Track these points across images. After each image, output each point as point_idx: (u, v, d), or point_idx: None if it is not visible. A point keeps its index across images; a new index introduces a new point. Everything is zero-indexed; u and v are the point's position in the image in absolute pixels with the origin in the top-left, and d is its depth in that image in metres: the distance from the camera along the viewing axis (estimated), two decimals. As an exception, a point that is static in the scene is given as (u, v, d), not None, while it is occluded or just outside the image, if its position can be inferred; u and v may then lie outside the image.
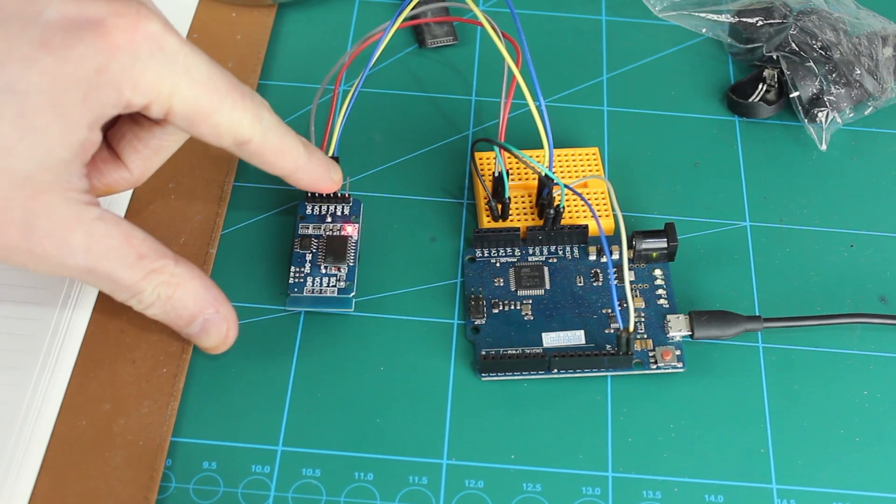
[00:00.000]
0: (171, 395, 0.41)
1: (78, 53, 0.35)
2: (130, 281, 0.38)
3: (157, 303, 0.39)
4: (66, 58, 0.35)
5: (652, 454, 0.41)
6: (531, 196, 0.47)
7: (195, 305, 0.40)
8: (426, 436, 0.41)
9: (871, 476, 0.41)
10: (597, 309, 0.44)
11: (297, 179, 0.43)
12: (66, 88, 0.35)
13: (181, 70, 0.37)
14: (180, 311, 0.40)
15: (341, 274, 0.44)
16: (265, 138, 0.40)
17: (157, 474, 0.39)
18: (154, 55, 0.36)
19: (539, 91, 0.44)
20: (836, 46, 0.51)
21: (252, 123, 0.39)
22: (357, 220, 0.46)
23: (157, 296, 0.39)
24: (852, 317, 0.44)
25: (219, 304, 0.40)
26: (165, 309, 0.39)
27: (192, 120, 0.38)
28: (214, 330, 0.41)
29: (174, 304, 0.39)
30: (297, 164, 0.42)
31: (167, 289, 0.39)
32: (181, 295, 0.39)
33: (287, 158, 0.41)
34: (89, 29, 0.35)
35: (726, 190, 0.49)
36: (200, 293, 0.40)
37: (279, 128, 0.41)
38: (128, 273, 0.38)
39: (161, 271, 0.38)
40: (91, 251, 0.37)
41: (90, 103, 0.35)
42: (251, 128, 0.39)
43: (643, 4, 0.56)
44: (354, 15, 0.56)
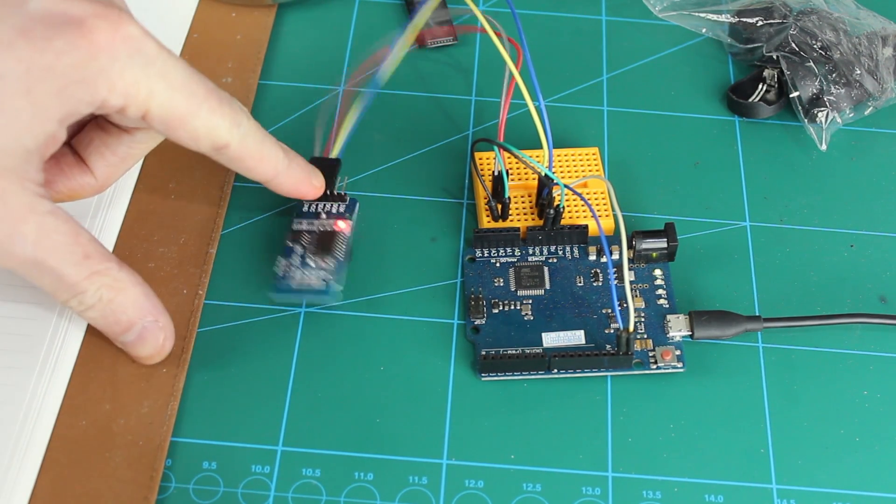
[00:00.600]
0: (171, 395, 0.41)
1: (57, 47, 0.35)
2: (74, 279, 0.38)
3: (97, 305, 0.39)
4: (44, 49, 0.35)
5: (652, 454, 0.41)
6: (531, 196, 0.47)
7: (135, 312, 0.40)
8: (426, 436, 0.41)
9: (871, 476, 0.41)
10: (597, 309, 0.44)
11: (278, 185, 0.43)
12: (41, 78, 0.35)
13: (158, 73, 0.37)
14: (119, 315, 0.39)
15: (329, 267, 0.44)
16: (244, 143, 0.40)
17: (157, 474, 0.39)
18: (132, 57, 0.36)
19: (539, 91, 0.45)
20: (836, 46, 0.51)
21: (230, 128, 0.39)
22: (350, 216, 0.46)
23: (98, 298, 0.39)
24: (852, 317, 0.44)
25: (158, 313, 0.40)
26: (105, 313, 0.39)
27: (169, 124, 0.38)
28: (151, 339, 0.41)
29: (114, 307, 0.39)
30: (277, 169, 0.42)
31: (109, 292, 0.39)
32: (122, 300, 0.39)
33: (266, 164, 0.41)
34: (71, 26, 0.35)
35: (726, 190, 0.49)
36: (141, 300, 0.40)
37: (258, 133, 0.41)
38: (73, 270, 0.38)
39: (105, 273, 0.38)
40: (40, 243, 0.37)
41: (64, 97, 0.35)
42: (229, 133, 0.39)
43: (643, 4, 0.56)
44: (354, 15, 0.56)
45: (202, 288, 0.44)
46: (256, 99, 0.51)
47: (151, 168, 0.48)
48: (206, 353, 0.43)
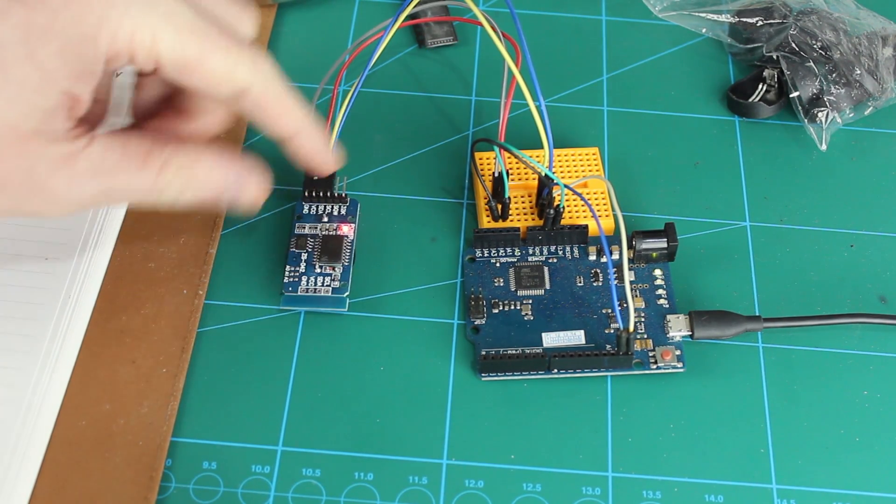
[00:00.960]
0: (171, 395, 0.41)
1: (52, 5, 0.34)
2: (148, 182, 0.38)
3: (184, 189, 0.38)
4: (39, 9, 0.34)
5: (652, 454, 0.41)
6: (531, 196, 0.47)
7: (218, 176, 0.39)
8: (426, 436, 0.41)
9: (871, 476, 0.41)
10: (597, 309, 0.44)
11: (299, 145, 0.41)
12: (41, 40, 0.34)
13: (162, 17, 0.36)
14: (209, 184, 0.39)
15: (336, 273, 0.44)
16: (266, 86, 0.38)
17: (156, 474, 0.39)
18: (131, 3, 0.35)
19: (539, 91, 0.44)
20: (836, 46, 0.51)
21: (250, 69, 0.38)
22: (353, 220, 0.46)
23: (179, 186, 0.38)
24: (852, 317, 0.44)
25: (235, 165, 0.40)
26: (194, 189, 0.39)
27: (183, 68, 0.37)
28: (247, 184, 0.40)
29: (200, 181, 0.39)
30: (301, 125, 0.40)
31: (186, 171, 0.38)
32: (200, 170, 0.39)
33: (290, 117, 0.40)
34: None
35: (726, 190, 0.49)
36: (217, 160, 0.39)
37: (280, 80, 0.39)
38: (141, 176, 0.37)
39: (170, 161, 0.38)
40: (98, 172, 0.37)
41: (67, 56, 0.35)
42: (249, 73, 0.38)
43: (643, 4, 0.56)
44: (354, 15, 0.56)
45: (202, 288, 0.44)
46: (256, 99, 0.51)
47: (151, 168, 0.48)
48: (206, 354, 0.43)
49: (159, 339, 0.43)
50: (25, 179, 0.36)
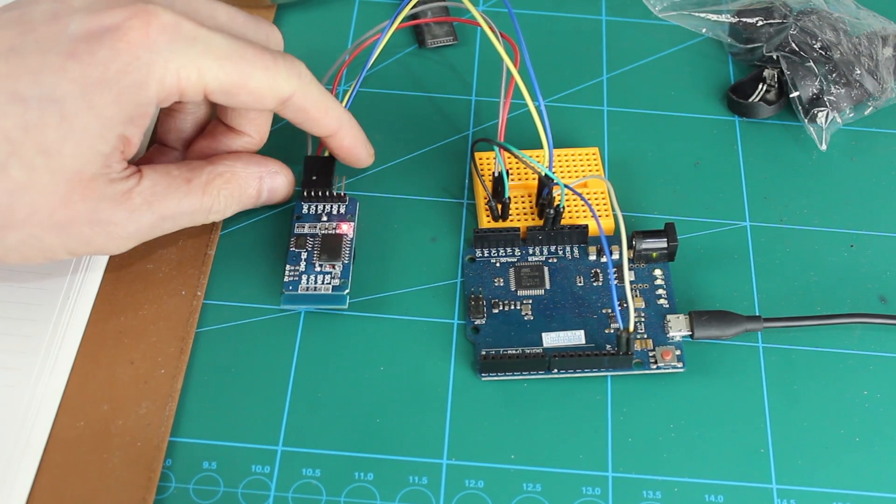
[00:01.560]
0: (170, 396, 0.41)
1: (101, 58, 0.37)
2: (197, 203, 0.41)
3: (229, 202, 0.43)
4: (91, 63, 0.37)
5: (652, 454, 0.41)
6: (531, 196, 0.47)
7: (254, 182, 0.44)
8: (426, 436, 0.41)
9: (871, 476, 0.41)
10: (597, 309, 0.44)
11: (340, 139, 0.45)
12: (97, 91, 0.37)
13: (202, 51, 0.38)
14: (248, 191, 0.44)
15: (336, 271, 0.44)
16: (307, 91, 0.42)
17: (155, 475, 0.39)
18: (172, 44, 0.38)
19: (538, 91, 0.44)
20: (836, 46, 0.51)
21: (289, 79, 0.41)
22: (352, 218, 0.46)
23: (225, 199, 0.42)
24: (852, 317, 0.44)
25: (265, 167, 0.44)
26: (237, 200, 0.43)
27: (230, 92, 0.40)
28: (278, 184, 0.45)
29: (241, 192, 0.43)
30: (342, 121, 0.44)
31: (228, 186, 0.42)
32: (239, 184, 0.43)
33: (331, 115, 0.43)
34: (108, 34, 0.37)
35: (726, 190, 0.49)
36: (249, 168, 0.43)
37: (318, 84, 0.43)
38: (191, 199, 0.41)
39: (212, 178, 0.42)
40: (152, 203, 0.40)
41: (123, 103, 0.38)
42: (289, 83, 0.41)
43: (643, 4, 0.56)
44: (354, 15, 0.56)
45: (201, 289, 0.44)
46: (256, 99, 0.51)
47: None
48: (205, 354, 0.43)
49: (158, 340, 0.43)
50: (89, 219, 0.39)
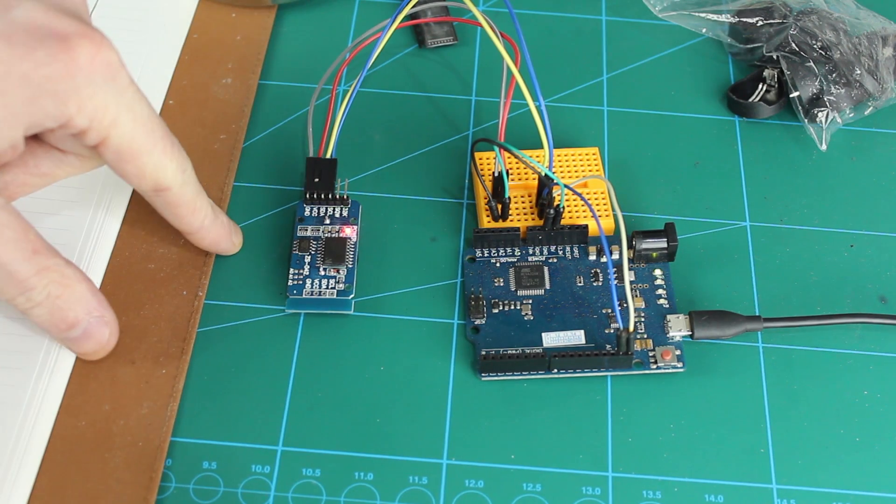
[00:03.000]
0: (171, 395, 0.41)
1: (37, 57, 0.35)
2: (24, 275, 0.38)
3: (45, 302, 0.39)
4: (24, 56, 0.35)
5: (652, 454, 0.41)
6: (531, 196, 0.47)
7: (81, 308, 0.40)
8: (426, 436, 0.41)
9: (871, 476, 0.41)
10: (597, 309, 0.44)
11: (200, 238, 0.44)
12: (16, 85, 0.35)
13: (127, 105, 0.37)
14: (66, 312, 0.39)
15: (340, 275, 0.44)
16: (183, 190, 0.41)
17: (156, 475, 0.39)
18: (107, 83, 0.36)
19: (539, 91, 0.45)
20: (836, 46, 0.51)
21: (175, 173, 0.40)
22: (356, 221, 0.46)
23: (46, 294, 0.39)
24: (852, 317, 0.44)
25: (103, 308, 0.41)
26: (52, 310, 0.39)
27: (123, 156, 0.38)
28: (97, 334, 0.41)
29: (61, 304, 0.39)
30: (204, 223, 0.43)
31: (57, 288, 0.39)
32: (69, 296, 0.39)
33: (197, 215, 0.43)
34: (54, 40, 0.35)
35: (726, 190, 0.49)
36: (87, 296, 0.40)
37: (196, 184, 0.42)
38: (23, 266, 0.38)
39: (53, 269, 0.38)
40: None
41: (34, 107, 0.35)
42: (174, 177, 0.40)
43: (643, 4, 0.56)
44: (354, 15, 0.56)
45: (202, 289, 0.44)
46: (256, 99, 0.51)
47: (151, 168, 0.48)
48: (206, 354, 0.43)
49: (159, 340, 0.43)
50: None
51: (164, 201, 0.41)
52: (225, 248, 0.45)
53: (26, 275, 0.38)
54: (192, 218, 0.43)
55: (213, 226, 0.44)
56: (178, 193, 0.41)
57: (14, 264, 0.37)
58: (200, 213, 0.43)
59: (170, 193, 0.41)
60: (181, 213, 0.42)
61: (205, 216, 0.43)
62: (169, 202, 0.41)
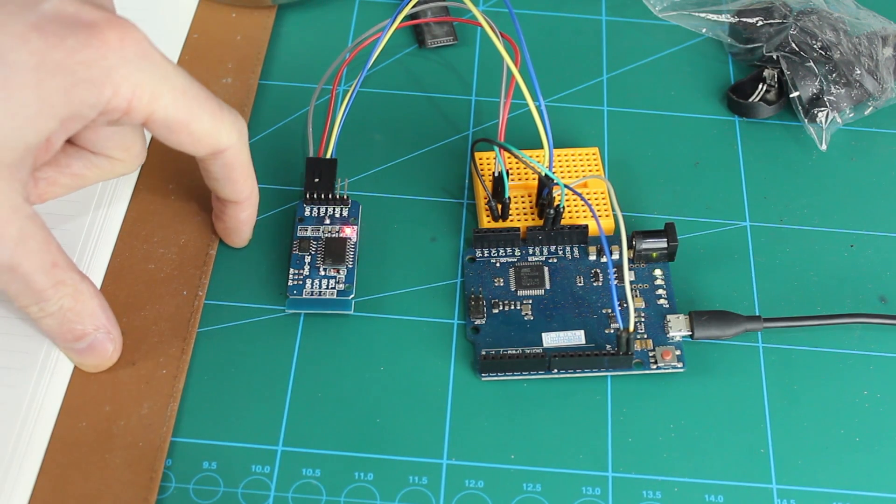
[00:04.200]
0: (171, 396, 0.41)
1: (69, 44, 0.35)
2: (41, 286, 0.38)
3: (57, 313, 0.39)
4: (56, 45, 0.35)
5: (652, 454, 0.41)
6: (531, 196, 0.47)
7: (90, 322, 0.40)
8: (426, 436, 0.41)
9: (871, 476, 0.41)
10: (597, 309, 0.44)
11: (244, 208, 0.44)
12: (51, 73, 0.35)
13: (163, 78, 0.38)
14: (75, 324, 0.40)
15: (340, 276, 0.44)
16: (241, 150, 0.41)
17: (156, 475, 0.39)
18: (140, 61, 0.37)
19: (539, 91, 0.45)
20: (836, 46, 0.51)
21: (230, 133, 0.40)
22: (356, 221, 0.46)
23: (59, 306, 0.39)
24: (852, 317, 0.44)
25: (111, 325, 0.41)
26: (62, 321, 0.39)
27: (172, 127, 0.39)
28: (101, 349, 0.41)
29: (72, 317, 0.40)
30: (253, 194, 0.44)
31: (70, 301, 0.39)
32: (81, 310, 0.40)
33: (250, 181, 0.43)
34: (82, 27, 0.36)
35: (726, 190, 0.49)
36: (97, 311, 0.40)
37: (248, 147, 0.42)
38: (42, 278, 0.38)
39: (69, 283, 0.39)
40: (18, 247, 0.37)
41: (71, 96, 0.36)
42: (229, 136, 0.40)
43: (643, 4, 0.56)
44: (354, 15, 0.56)
45: (202, 289, 0.44)
46: (256, 99, 0.51)
47: (151, 168, 0.48)
48: (206, 354, 0.43)
49: (159, 341, 0.43)
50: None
51: (223, 163, 0.41)
52: (245, 233, 0.45)
53: (43, 286, 0.38)
54: (246, 183, 0.43)
55: (256, 203, 0.44)
56: (235, 154, 0.41)
57: (34, 275, 0.38)
58: (252, 179, 0.43)
59: (228, 154, 0.41)
60: (237, 177, 0.42)
61: (254, 185, 0.43)
62: (227, 164, 0.41)
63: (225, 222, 0.45)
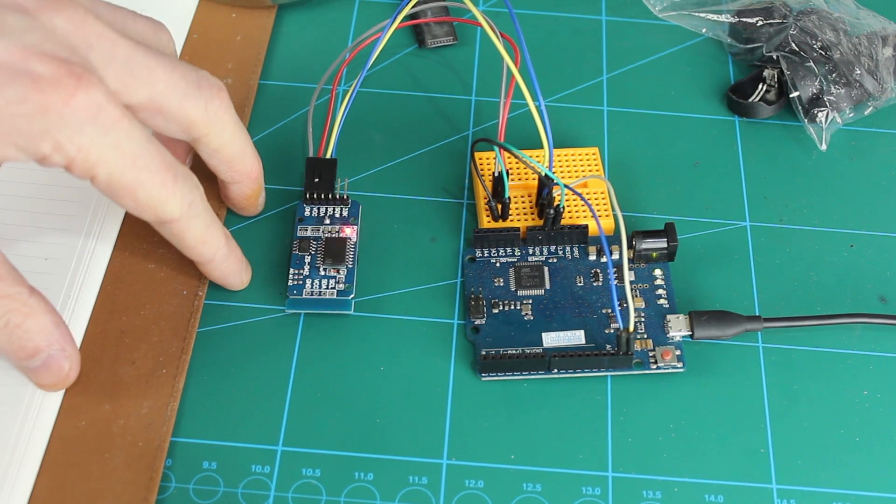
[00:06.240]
0: (171, 395, 0.41)
1: (7, 94, 0.34)
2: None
3: (3, 329, 0.38)
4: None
5: (652, 454, 0.41)
6: (531, 196, 0.47)
7: (42, 339, 0.39)
8: (426, 436, 0.41)
9: (871, 476, 0.41)
10: (597, 309, 0.44)
11: (209, 270, 0.43)
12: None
13: (112, 144, 0.36)
14: (25, 342, 0.39)
15: (340, 276, 0.44)
16: (189, 223, 0.40)
17: (156, 475, 0.39)
18: (85, 124, 0.35)
19: (539, 91, 0.45)
20: (836, 46, 0.51)
21: (177, 206, 0.39)
22: (356, 221, 0.46)
23: (5, 322, 0.38)
24: (852, 317, 0.44)
25: (66, 342, 0.40)
26: (10, 338, 0.38)
27: (115, 191, 0.37)
28: (56, 367, 0.40)
29: (21, 333, 0.38)
30: (216, 256, 0.42)
31: (17, 317, 0.38)
32: (30, 326, 0.38)
33: (206, 247, 0.41)
34: (27, 79, 0.34)
35: (726, 190, 0.49)
36: (49, 327, 0.39)
37: (206, 216, 0.41)
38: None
39: (15, 298, 0.38)
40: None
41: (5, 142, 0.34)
42: (175, 210, 0.39)
43: (643, 4, 0.56)
44: (354, 15, 0.56)
45: (202, 289, 0.44)
46: (256, 99, 0.51)
47: (151, 168, 0.48)
48: (205, 354, 0.43)
49: (159, 340, 0.43)
50: None
51: (169, 232, 0.40)
52: (233, 283, 0.44)
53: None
54: (202, 249, 0.41)
55: (226, 260, 0.43)
56: (183, 226, 0.40)
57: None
58: (211, 246, 0.41)
59: (174, 225, 0.39)
60: (188, 245, 0.41)
61: (216, 249, 0.42)
62: (174, 233, 0.40)
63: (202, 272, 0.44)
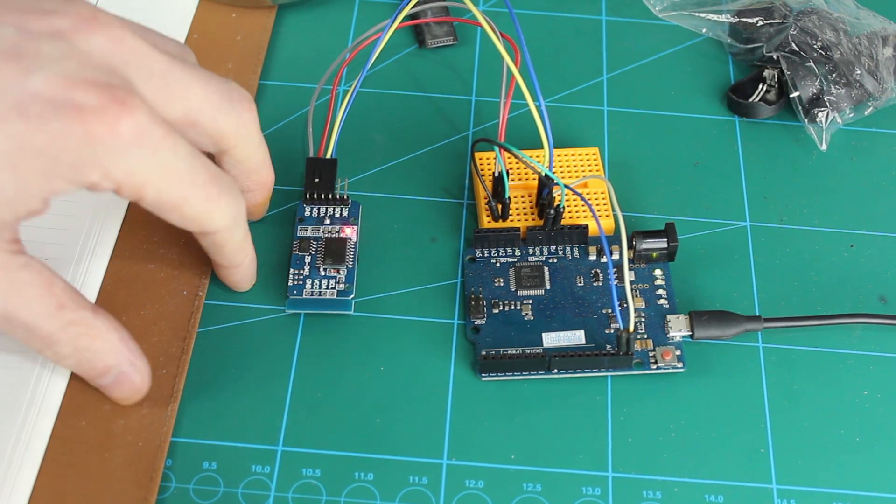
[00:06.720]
0: (171, 396, 0.41)
1: (52, 129, 0.34)
2: (48, 331, 0.37)
3: (73, 355, 0.38)
4: (38, 130, 0.34)
5: (652, 454, 0.41)
6: (531, 196, 0.47)
7: (111, 358, 0.39)
8: (426, 436, 0.41)
9: (871, 476, 0.41)
10: (597, 309, 0.44)
11: (230, 274, 0.44)
12: (30, 158, 0.34)
13: (158, 163, 0.36)
14: (95, 363, 0.39)
15: (340, 276, 0.44)
16: (231, 234, 0.41)
17: (156, 475, 0.39)
18: (131, 149, 0.35)
19: (539, 91, 0.45)
20: (836, 46, 0.51)
21: (222, 218, 0.39)
22: (356, 221, 0.46)
23: (73, 347, 0.38)
24: (852, 317, 0.44)
25: (134, 356, 0.40)
26: (81, 361, 0.39)
27: (163, 208, 0.38)
28: (127, 382, 0.40)
29: (90, 356, 0.39)
30: (244, 261, 0.43)
31: (85, 340, 0.38)
32: (98, 347, 0.39)
33: (240, 255, 0.42)
34: (71, 110, 0.34)
35: (726, 190, 0.49)
36: (117, 345, 0.39)
37: (245, 227, 0.41)
38: (46, 323, 0.37)
39: (80, 322, 0.38)
40: (11, 297, 0.36)
41: (51, 178, 0.35)
42: (220, 222, 0.39)
43: (643, 4, 0.56)
44: (354, 15, 0.56)
45: (202, 289, 0.44)
46: (256, 99, 0.51)
47: (151, 168, 0.48)
48: (206, 354, 0.43)
49: (159, 340, 0.43)
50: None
51: (212, 242, 0.41)
52: (245, 286, 0.45)
53: (50, 331, 0.37)
54: (235, 257, 0.42)
55: (251, 265, 0.44)
56: (226, 237, 0.41)
57: (37, 321, 0.37)
58: (246, 253, 0.43)
59: (217, 236, 0.40)
60: (226, 253, 0.42)
61: (246, 255, 0.43)
62: (216, 243, 0.41)
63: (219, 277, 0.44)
